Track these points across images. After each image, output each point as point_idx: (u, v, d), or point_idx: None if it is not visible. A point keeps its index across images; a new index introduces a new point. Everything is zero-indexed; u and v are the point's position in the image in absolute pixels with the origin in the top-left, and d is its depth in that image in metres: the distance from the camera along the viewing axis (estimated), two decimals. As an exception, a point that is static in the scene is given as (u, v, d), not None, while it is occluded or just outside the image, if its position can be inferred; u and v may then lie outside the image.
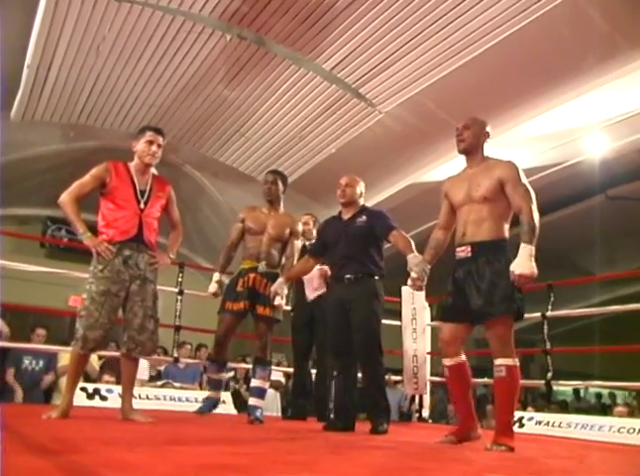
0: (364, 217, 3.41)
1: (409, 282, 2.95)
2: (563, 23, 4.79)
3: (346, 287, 3.31)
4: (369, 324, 3.27)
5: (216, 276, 3.80)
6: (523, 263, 2.45)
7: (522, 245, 2.49)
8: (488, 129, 2.82)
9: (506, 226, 2.66)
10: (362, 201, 3.53)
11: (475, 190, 2.65)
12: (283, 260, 3.80)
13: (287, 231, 3.74)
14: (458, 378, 2.75)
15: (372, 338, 3.27)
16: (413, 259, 2.97)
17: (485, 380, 5.13)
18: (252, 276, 3.63)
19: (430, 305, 5.31)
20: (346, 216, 3.48)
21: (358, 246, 3.35)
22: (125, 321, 3.05)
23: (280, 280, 3.49)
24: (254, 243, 3.70)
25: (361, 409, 3.67)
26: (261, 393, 3.62)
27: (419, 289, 2.96)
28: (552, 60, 5.13)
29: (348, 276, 3.32)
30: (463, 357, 2.74)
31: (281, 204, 3.84)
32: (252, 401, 3.60)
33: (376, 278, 3.35)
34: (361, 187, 3.52)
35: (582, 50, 4.99)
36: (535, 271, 2.46)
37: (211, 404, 3.89)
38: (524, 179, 2.62)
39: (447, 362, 2.74)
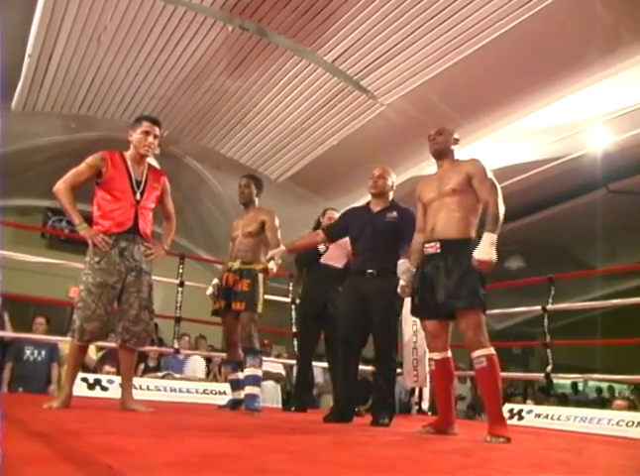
0: (395, 213, 3.35)
1: (399, 289, 2.99)
2: (565, 15, 4.77)
3: (368, 281, 3.26)
4: (389, 322, 3.26)
5: (215, 280, 3.94)
6: (484, 250, 2.58)
7: (485, 233, 2.62)
8: (457, 136, 3.00)
9: (474, 223, 2.78)
10: (391, 195, 3.47)
11: (444, 185, 2.81)
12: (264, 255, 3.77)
13: (258, 225, 3.74)
14: (443, 372, 2.87)
15: (390, 336, 3.27)
16: (401, 266, 2.97)
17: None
18: (225, 275, 3.74)
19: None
20: (375, 208, 3.41)
21: (384, 241, 3.29)
22: (120, 312, 3.05)
23: (282, 247, 3.43)
24: (233, 245, 3.84)
25: (364, 401, 3.68)
26: (255, 380, 3.61)
27: (408, 295, 3.01)
28: (554, 53, 5.10)
29: (370, 271, 3.26)
30: (449, 353, 2.86)
31: (256, 206, 3.89)
32: (247, 389, 3.59)
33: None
34: (392, 179, 3.47)
35: (584, 42, 4.97)
36: (494, 258, 2.58)
37: (231, 403, 3.87)
38: (490, 175, 2.78)
39: (435, 356, 2.87)
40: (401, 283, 2.96)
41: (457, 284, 2.64)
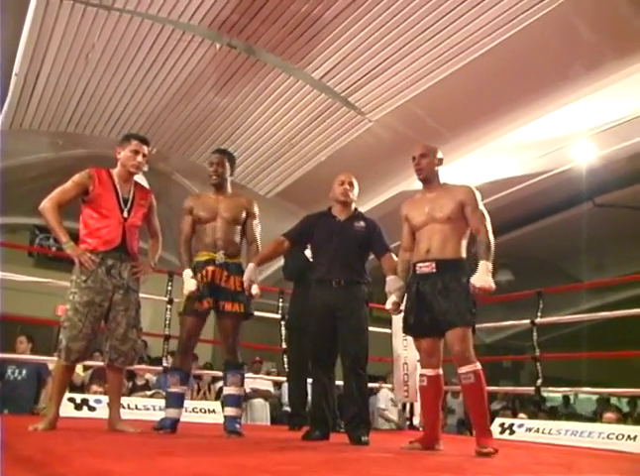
0: (362, 223, 3.27)
1: (390, 306, 2.98)
2: (550, 33, 4.85)
3: (334, 291, 3.16)
4: (361, 333, 3.17)
5: (189, 272, 3.22)
6: (483, 277, 2.70)
7: (481, 262, 2.73)
8: (440, 155, 2.99)
9: (465, 245, 2.87)
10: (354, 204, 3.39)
11: (439, 211, 2.84)
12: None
13: (243, 213, 3.35)
14: (434, 389, 2.89)
15: (363, 347, 3.18)
16: (394, 283, 2.96)
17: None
18: (210, 269, 3.20)
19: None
20: (341, 217, 3.30)
21: (351, 250, 3.21)
22: (108, 331, 3.01)
23: (252, 265, 3.17)
24: (208, 232, 3.27)
25: (340, 417, 3.56)
26: (236, 401, 3.27)
27: (399, 312, 3.02)
28: (539, 69, 5.18)
29: (337, 280, 3.17)
30: (441, 370, 2.89)
31: (229, 187, 3.42)
32: (227, 411, 3.25)
33: (364, 284, 3.25)
34: (357, 188, 3.39)
35: (569, 59, 5.05)
36: (493, 285, 2.70)
37: (170, 424, 3.18)
38: (481, 203, 2.86)
39: (428, 372, 2.89)
40: (393, 299, 2.94)
41: (455, 301, 2.72)
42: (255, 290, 3.15)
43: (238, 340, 3.26)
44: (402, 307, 3.00)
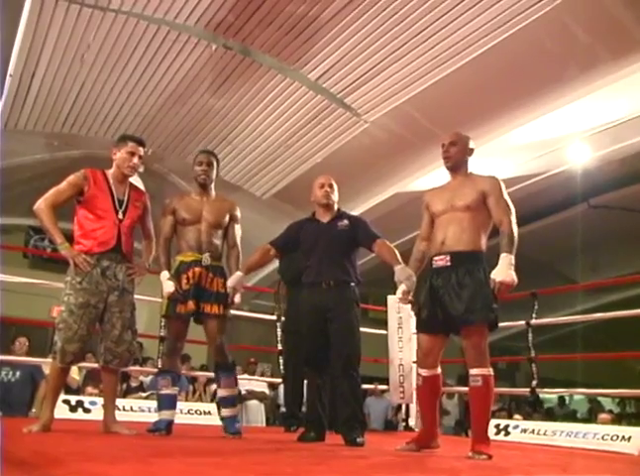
0: (345, 221, 3.25)
1: (399, 295, 2.88)
2: (545, 35, 4.87)
3: (324, 292, 3.13)
4: (352, 333, 3.14)
5: (165, 274, 3.20)
6: (504, 271, 2.55)
7: (503, 254, 2.59)
8: (472, 145, 2.88)
9: (484, 238, 2.73)
10: (336, 206, 3.36)
11: (459, 200, 2.72)
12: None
13: (227, 216, 3.34)
14: (431, 389, 2.84)
15: (355, 348, 3.15)
16: (403, 272, 2.86)
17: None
18: (197, 270, 3.17)
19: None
20: (324, 219, 3.29)
21: (339, 250, 3.18)
22: (102, 332, 2.99)
23: (239, 274, 3.18)
24: (192, 234, 3.24)
25: (335, 419, 3.55)
26: (232, 401, 3.30)
27: (408, 302, 2.94)
28: (535, 71, 5.20)
29: (327, 281, 3.14)
30: (438, 370, 2.82)
31: (213, 189, 3.41)
32: (225, 412, 3.26)
33: (354, 284, 3.21)
34: (337, 190, 3.36)
35: (563, 61, 5.07)
36: (515, 279, 2.56)
37: (165, 425, 3.14)
38: (506, 194, 2.72)
39: (424, 373, 2.81)
40: (403, 288, 2.84)
41: (471, 297, 2.59)
42: (237, 299, 3.17)
43: (224, 341, 3.22)
44: (411, 297, 2.90)
